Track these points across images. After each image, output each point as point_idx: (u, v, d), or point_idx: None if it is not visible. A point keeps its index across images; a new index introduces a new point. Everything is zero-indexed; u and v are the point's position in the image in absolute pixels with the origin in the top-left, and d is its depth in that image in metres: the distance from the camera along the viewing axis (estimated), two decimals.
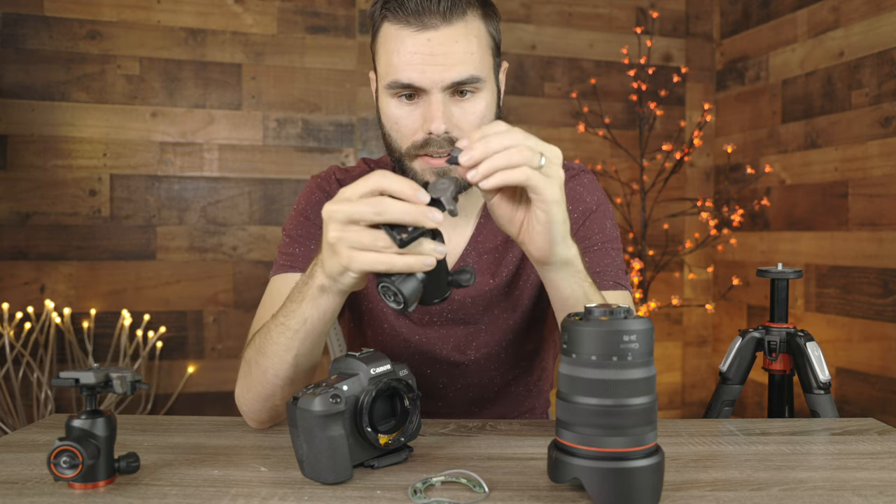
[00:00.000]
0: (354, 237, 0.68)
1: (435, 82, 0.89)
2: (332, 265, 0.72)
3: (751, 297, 2.93)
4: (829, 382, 1.14)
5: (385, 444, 0.74)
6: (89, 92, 2.54)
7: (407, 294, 0.69)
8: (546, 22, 2.98)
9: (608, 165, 3.00)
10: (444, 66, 0.89)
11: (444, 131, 0.90)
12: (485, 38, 0.93)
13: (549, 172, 0.71)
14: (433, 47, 0.89)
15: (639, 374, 0.62)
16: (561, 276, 0.81)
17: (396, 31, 0.90)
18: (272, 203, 2.71)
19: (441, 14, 0.88)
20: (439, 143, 0.91)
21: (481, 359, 1.08)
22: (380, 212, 0.67)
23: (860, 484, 0.71)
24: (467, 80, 0.90)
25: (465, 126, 0.92)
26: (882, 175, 2.33)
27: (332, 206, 0.70)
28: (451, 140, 0.91)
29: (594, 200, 1.07)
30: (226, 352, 2.67)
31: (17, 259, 2.48)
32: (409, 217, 0.67)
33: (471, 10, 0.91)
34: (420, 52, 0.89)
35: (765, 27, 2.87)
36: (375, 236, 0.68)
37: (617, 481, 0.62)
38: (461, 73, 0.89)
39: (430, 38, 0.89)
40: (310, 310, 0.79)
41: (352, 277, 0.73)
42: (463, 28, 0.90)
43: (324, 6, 2.73)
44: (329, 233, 0.70)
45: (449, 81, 0.89)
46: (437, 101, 0.90)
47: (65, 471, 0.66)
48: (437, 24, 0.88)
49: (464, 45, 0.90)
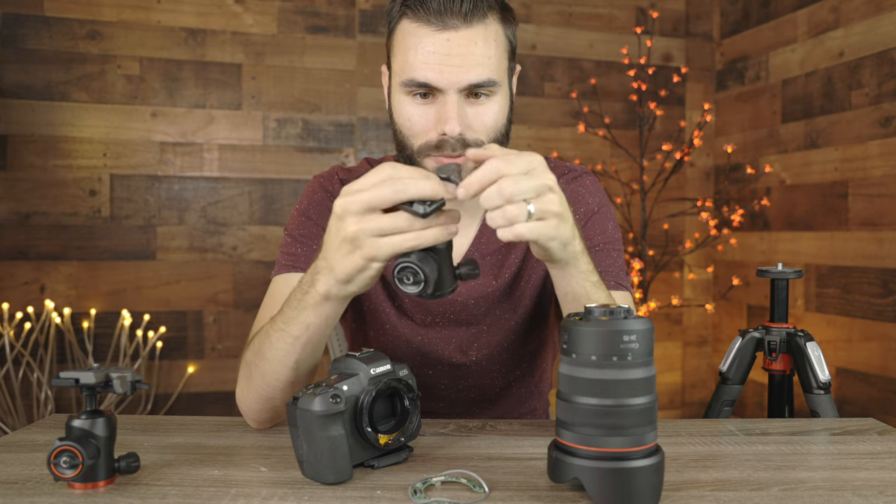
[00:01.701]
0: (375, 225, 0.68)
1: (452, 83, 0.89)
2: (350, 263, 0.71)
3: (751, 297, 2.93)
4: (829, 382, 1.14)
5: (385, 444, 0.74)
6: (89, 92, 2.54)
7: (428, 272, 0.69)
8: (546, 22, 2.98)
9: (608, 165, 3.00)
10: (461, 67, 0.88)
11: (458, 133, 0.90)
12: (502, 42, 0.93)
13: (541, 214, 0.70)
14: (452, 48, 0.88)
15: (639, 374, 0.62)
16: (562, 274, 0.82)
17: (416, 29, 0.90)
18: (272, 203, 2.71)
19: (462, 15, 0.88)
20: (452, 144, 0.91)
21: (483, 360, 1.08)
22: (399, 189, 0.67)
23: (860, 484, 0.71)
24: (484, 82, 0.90)
25: (478, 128, 0.92)
26: (882, 175, 2.33)
27: (346, 198, 0.69)
28: (463, 142, 0.91)
29: (596, 202, 1.07)
30: (226, 352, 2.67)
31: (17, 259, 2.48)
32: (428, 189, 0.67)
33: (491, 14, 0.91)
34: (439, 51, 0.88)
35: (765, 27, 2.87)
36: (395, 218, 0.68)
37: (617, 481, 0.62)
38: (479, 76, 0.89)
39: (449, 38, 0.88)
40: (312, 317, 0.79)
41: (375, 269, 0.72)
42: (482, 30, 0.90)
43: (324, 6, 2.73)
44: (348, 227, 0.69)
45: (466, 83, 0.89)
46: (453, 102, 0.89)
47: (65, 471, 0.66)
48: (457, 25, 0.88)
49: (482, 48, 0.89)
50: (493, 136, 0.94)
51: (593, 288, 0.83)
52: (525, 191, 0.68)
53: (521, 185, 0.68)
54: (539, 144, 2.96)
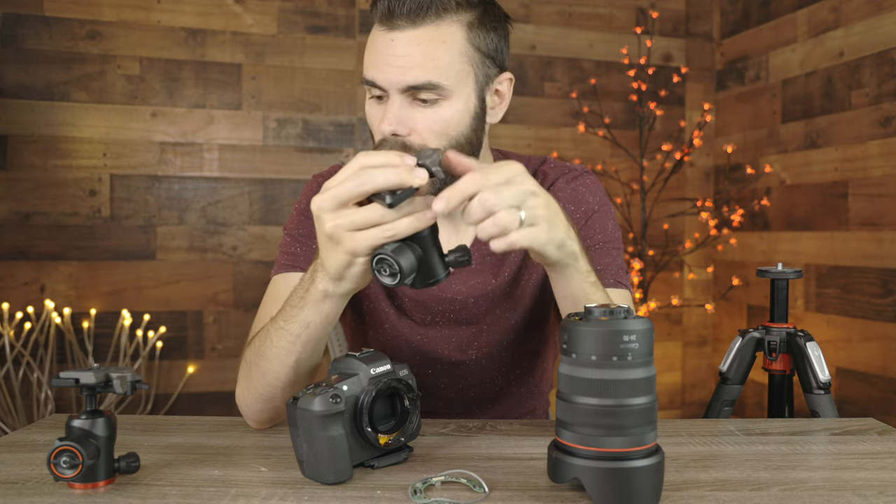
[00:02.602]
0: (348, 220, 0.68)
1: (392, 83, 0.88)
2: (336, 259, 0.72)
3: (751, 297, 2.93)
4: (829, 382, 1.14)
5: (385, 444, 0.74)
6: (89, 92, 2.54)
7: (404, 265, 0.68)
8: (546, 22, 2.98)
9: (608, 165, 3.00)
10: (401, 67, 0.87)
11: (391, 133, 0.89)
12: (461, 46, 0.90)
13: (532, 220, 0.70)
14: (396, 48, 0.88)
15: (639, 374, 0.62)
16: (560, 276, 0.82)
17: (375, 30, 0.91)
18: (272, 203, 2.71)
19: (407, 16, 0.87)
20: (391, 144, 0.89)
21: (482, 359, 1.08)
22: (362, 182, 0.67)
23: (860, 484, 0.71)
24: (423, 85, 0.87)
25: (424, 133, 0.90)
26: (882, 175, 2.33)
27: (318, 196, 0.70)
28: (403, 144, 0.89)
29: (596, 201, 1.07)
30: (226, 352, 2.67)
31: (17, 259, 2.48)
32: (394, 178, 0.66)
33: (448, 16, 0.89)
34: (383, 51, 0.89)
35: (765, 27, 2.87)
36: (367, 211, 0.68)
37: (617, 481, 0.62)
38: (416, 78, 0.87)
39: (393, 38, 0.88)
40: (312, 315, 0.79)
41: (360, 265, 0.72)
42: (432, 32, 0.88)
43: (324, 6, 2.73)
44: (324, 225, 0.70)
45: (404, 84, 0.88)
46: (393, 104, 0.89)
47: (65, 471, 0.66)
48: (403, 26, 0.88)
49: (426, 50, 0.87)
50: (448, 143, 0.91)
51: (592, 288, 0.83)
52: (506, 199, 0.68)
53: (503, 195, 0.68)
54: (539, 144, 2.96)
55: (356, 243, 0.69)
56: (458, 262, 0.72)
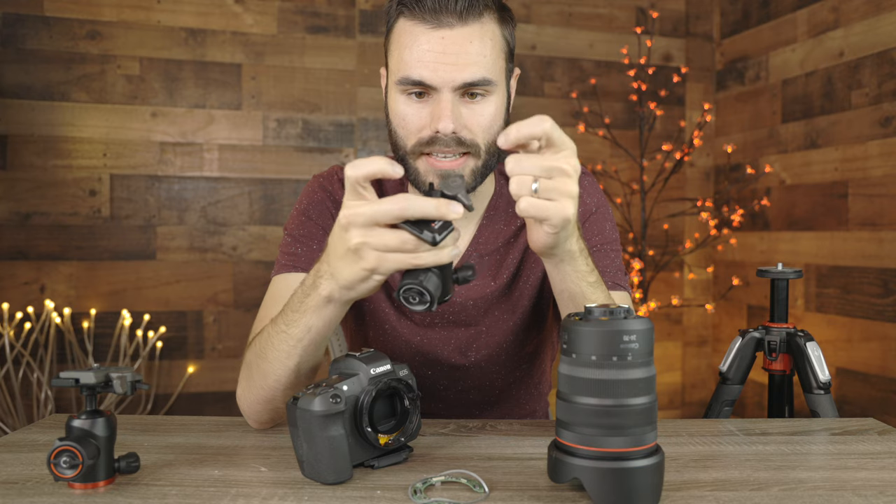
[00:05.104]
0: (379, 240, 0.68)
1: (446, 81, 0.89)
2: (353, 273, 0.72)
3: (751, 297, 2.93)
4: (829, 382, 1.14)
5: (385, 444, 0.74)
6: (89, 92, 2.54)
7: (433, 290, 0.69)
8: (546, 22, 2.98)
9: (608, 165, 3.00)
10: (456, 65, 0.88)
11: (451, 131, 0.90)
12: (499, 42, 0.93)
13: (549, 194, 0.71)
14: (447, 46, 0.88)
15: (639, 374, 0.62)
16: (558, 271, 0.82)
17: (411, 28, 0.90)
18: (272, 203, 2.71)
19: (457, 13, 0.88)
20: (446, 142, 0.90)
21: (482, 360, 1.08)
22: (404, 207, 0.67)
23: (860, 484, 0.71)
24: (479, 81, 0.89)
25: (474, 128, 0.92)
26: (882, 175, 2.33)
27: (352, 210, 0.69)
28: (458, 140, 0.91)
29: (594, 202, 1.07)
30: (226, 352, 2.67)
31: (17, 259, 2.48)
32: (434, 211, 0.67)
33: (487, 13, 0.91)
34: (433, 49, 0.88)
35: (765, 27, 2.87)
36: (402, 236, 0.68)
37: (617, 481, 0.62)
38: (473, 75, 0.89)
39: (444, 36, 0.88)
40: (314, 319, 0.79)
41: (376, 281, 0.72)
42: (478, 29, 0.90)
43: (324, 6, 2.73)
44: (351, 239, 0.69)
45: (460, 82, 0.89)
46: (447, 101, 0.89)
47: (65, 471, 0.66)
48: (452, 23, 0.88)
49: (478, 47, 0.89)
50: (489, 137, 0.93)
51: (590, 288, 0.83)
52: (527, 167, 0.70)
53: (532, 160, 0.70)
54: None
55: (381, 263, 0.69)
56: (465, 279, 0.73)
